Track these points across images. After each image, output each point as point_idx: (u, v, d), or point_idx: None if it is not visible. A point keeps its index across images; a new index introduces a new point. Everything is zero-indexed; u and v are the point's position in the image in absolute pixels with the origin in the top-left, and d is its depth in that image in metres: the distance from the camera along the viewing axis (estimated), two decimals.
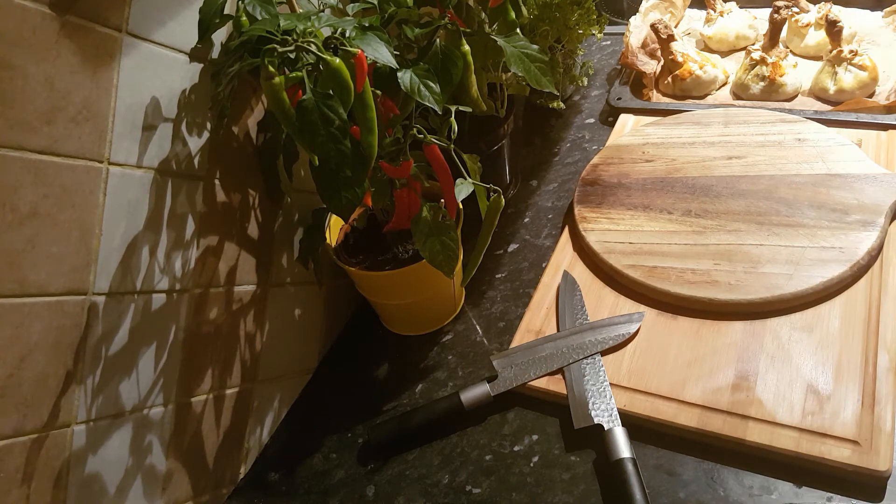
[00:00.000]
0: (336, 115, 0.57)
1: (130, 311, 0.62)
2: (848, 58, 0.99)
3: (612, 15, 1.34)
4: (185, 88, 0.65)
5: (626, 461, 0.64)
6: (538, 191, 1.03)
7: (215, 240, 0.71)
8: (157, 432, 0.67)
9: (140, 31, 0.59)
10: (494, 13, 0.73)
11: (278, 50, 0.57)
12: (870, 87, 1.00)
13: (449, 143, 0.68)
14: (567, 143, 1.10)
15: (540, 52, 0.72)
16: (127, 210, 0.61)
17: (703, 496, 0.64)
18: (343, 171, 0.59)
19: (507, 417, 0.75)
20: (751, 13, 1.18)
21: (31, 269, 0.53)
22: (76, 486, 0.59)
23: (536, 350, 0.77)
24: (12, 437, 0.53)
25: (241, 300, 0.75)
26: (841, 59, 1.00)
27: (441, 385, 0.81)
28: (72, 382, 0.57)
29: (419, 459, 0.74)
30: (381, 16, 0.67)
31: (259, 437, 0.80)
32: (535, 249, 0.94)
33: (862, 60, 0.99)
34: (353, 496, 0.73)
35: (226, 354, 0.74)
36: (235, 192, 0.73)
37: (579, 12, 1.02)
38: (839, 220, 0.80)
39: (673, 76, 1.10)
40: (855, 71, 0.99)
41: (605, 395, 0.71)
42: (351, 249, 0.82)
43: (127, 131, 0.59)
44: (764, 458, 0.65)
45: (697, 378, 0.71)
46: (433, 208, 0.68)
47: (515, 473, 0.70)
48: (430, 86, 0.63)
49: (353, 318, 0.94)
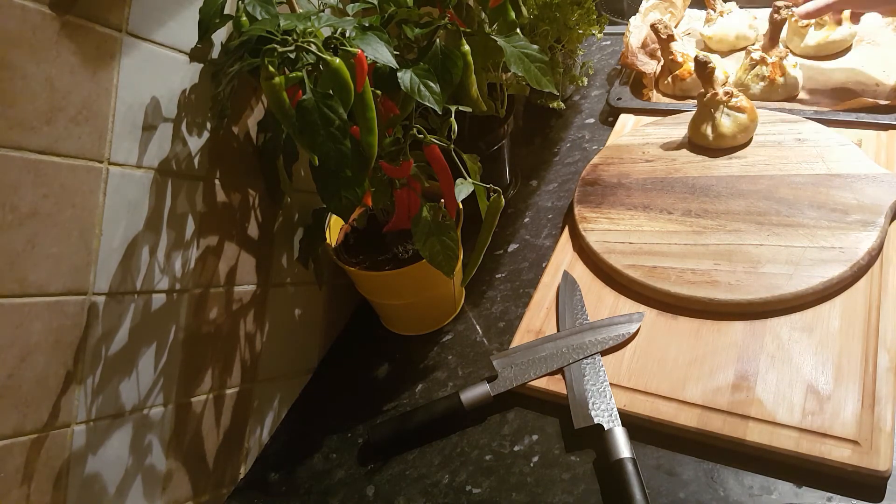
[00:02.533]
0: (336, 115, 0.57)
1: (130, 311, 0.62)
2: (724, 100, 0.93)
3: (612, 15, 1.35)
4: (185, 88, 0.65)
5: (626, 461, 0.64)
6: (538, 191, 1.03)
7: (215, 240, 0.71)
8: (157, 432, 0.67)
9: (140, 31, 0.59)
10: (494, 13, 0.73)
11: (278, 50, 0.57)
12: (750, 129, 0.94)
13: (449, 143, 0.68)
14: (567, 143, 1.10)
15: (540, 52, 0.72)
16: (127, 210, 0.61)
17: (703, 496, 0.64)
18: (343, 171, 0.59)
19: (507, 417, 0.75)
20: (751, 13, 1.18)
21: (31, 269, 0.53)
22: (76, 486, 0.59)
23: (536, 350, 0.77)
24: (12, 437, 0.53)
25: (241, 300, 0.75)
26: (717, 103, 0.93)
27: (441, 385, 0.81)
28: (72, 382, 0.57)
29: (419, 459, 0.74)
30: (381, 16, 0.67)
31: (259, 437, 0.80)
32: (535, 249, 0.94)
33: (739, 102, 0.93)
34: (353, 496, 0.73)
35: (226, 354, 0.74)
36: (235, 192, 0.73)
37: (579, 12, 1.02)
38: (839, 220, 0.80)
39: (673, 76, 1.10)
40: (733, 114, 0.93)
41: (605, 395, 0.71)
42: (351, 249, 0.82)
43: (127, 131, 0.59)
44: (764, 458, 0.65)
45: (697, 378, 0.71)
46: (433, 208, 0.68)
47: (515, 473, 0.70)
48: (430, 86, 0.63)
49: (353, 318, 0.94)
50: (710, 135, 0.94)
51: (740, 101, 0.93)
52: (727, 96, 0.93)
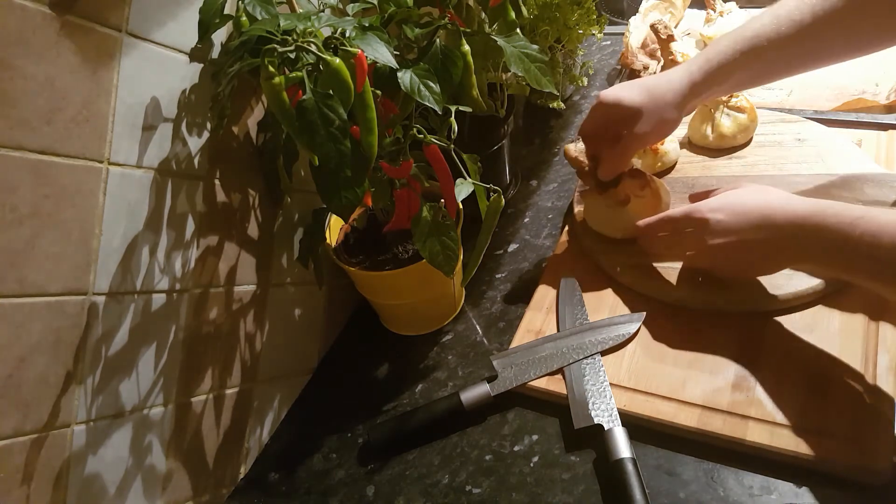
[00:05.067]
0: (336, 115, 0.57)
1: (130, 311, 0.62)
2: (724, 100, 0.93)
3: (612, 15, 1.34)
4: (185, 88, 0.65)
5: (626, 461, 0.64)
6: (538, 191, 1.03)
7: (215, 240, 0.71)
8: (157, 432, 0.67)
9: (140, 31, 0.59)
10: (494, 13, 0.73)
11: (278, 50, 0.57)
12: (750, 129, 0.94)
13: (449, 143, 0.68)
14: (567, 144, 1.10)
15: (540, 52, 0.72)
16: (127, 210, 0.61)
17: (703, 496, 0.64)
18: (343, 171, 0.59)
19: (507, 417, 0.75)
20: (751, 13, 1.18)
21: (31, 269, 0.53)
22: (76, 486, 0.59)
23: (536, 350, 0.77)
24: (12, 437, 0.53)
25: (241, 300, 0.75)
26: (717, 103, 0.93)
27: (441, 385, 0.81)
28: (72, 382, 0.57)
29: (419, 459, 0.74)
30: (381, 16, 0.67)
31: (259, 437, 0.80)
32: (535, 249, 0.94)
33: (739, 102, 0.93)
34: (353, 496, 0.73)
35: (226, 354, 0.74)
36: (235, 192, 0.73)
37: (579, 12, 1.02)
38: None
39: None
40: (733, 114, 0.93)
41: (605, 395, 0.71)
42: (351, 249, 0.82)
43: (127, 131, 0.59)
44: (764, 458, 0.65)
45: (697, 378, 0.71)
46: (433, 208, 0.68)
47: (515, 473, 0.70)
48: (430, 86, 0.63)
49: (353, 318, 0.94)
50: (710, 135, 0.94)
51: (740, 101, 0.93)
52: (727, 96, 0.92)
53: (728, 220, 0.69)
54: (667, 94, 0.76)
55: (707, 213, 0.71)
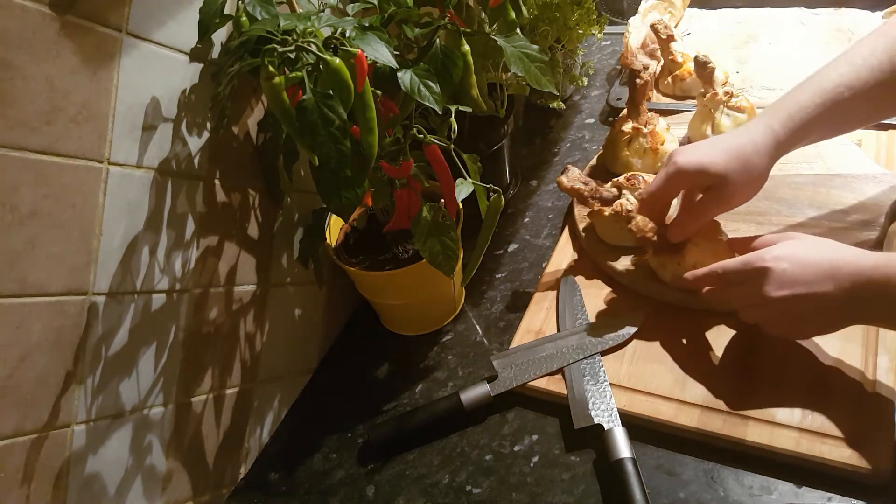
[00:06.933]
0: (336, 115, 0.57)
1: (130, 311, 0.62)
2: (724, 100, 0.92)
3: (612, 15, 1.34)
4: (185, 88, 0.65)
5: (626, 461, 0.64)
6: (538, 191, 1.03)
7: (215, 240, 0.71)
8: (157, 432, 0.67)
9: (140, 31, 0.59)
10: (494, 13, 0.73)
11: (278, 50, 0.57)
12: None
13: (449, 143, 0.68)
14: (567, 143, 1.10)
15: (540, 52, 0.72)
16: (127, 210, 0.61)
17: (703, 496, 0.64)
18: (343, 171, 0.59)
19: (507, 417, 0.75)
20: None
21: (31, 269, 0.53)
22: (76, 486, 0.59)
23: (536, 350, 0.77)
24: (12, 437, 0.53)
25: (241, 300, 0.75)
26: (717, 103, 0.92)
27: (441, 385, 0.81)
28: (72, 382, 0.58)
29: (419, 459, 0.74)
30: (381, 16, 0.67)
31: (259, 437, 0.80)
32: (535, 249, 0.94)
33: (739, 102, 0.92)
34: (353, 496, 0.73)
35: (226, 354, 0.74)
36: (235, 192, 0.73)
37: (579, 12, 1.02)
38: (839, 220, 0.80)
39: (673, 76, 1.10)
40: (733, 114, 0.92)
41: (605, 395, 0.71)
42: (351, 249, 0.82)
43: (127, 131, 0.59)
44: (764, 458, 0.65)
45: (697, 378, 0.71)
46: (433, 208, 0.68)
47: (515, 473, 0.70)
48: (430, 86, 0.63)
49: (353, 318, 0.94)
50: (710, 134, 0.94)
51: (740, 100, 0.93)
52: (727, 96, 0.92)
53: (794, 270, 0.63)
54: (752, 156, 0.70)
55: (770, 262, 0.64)
